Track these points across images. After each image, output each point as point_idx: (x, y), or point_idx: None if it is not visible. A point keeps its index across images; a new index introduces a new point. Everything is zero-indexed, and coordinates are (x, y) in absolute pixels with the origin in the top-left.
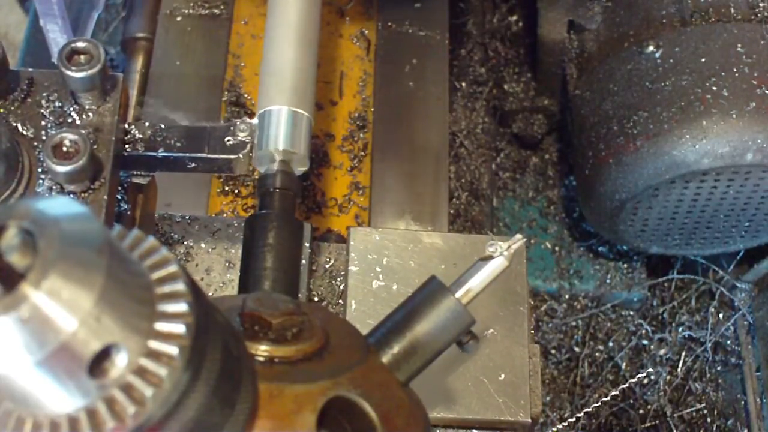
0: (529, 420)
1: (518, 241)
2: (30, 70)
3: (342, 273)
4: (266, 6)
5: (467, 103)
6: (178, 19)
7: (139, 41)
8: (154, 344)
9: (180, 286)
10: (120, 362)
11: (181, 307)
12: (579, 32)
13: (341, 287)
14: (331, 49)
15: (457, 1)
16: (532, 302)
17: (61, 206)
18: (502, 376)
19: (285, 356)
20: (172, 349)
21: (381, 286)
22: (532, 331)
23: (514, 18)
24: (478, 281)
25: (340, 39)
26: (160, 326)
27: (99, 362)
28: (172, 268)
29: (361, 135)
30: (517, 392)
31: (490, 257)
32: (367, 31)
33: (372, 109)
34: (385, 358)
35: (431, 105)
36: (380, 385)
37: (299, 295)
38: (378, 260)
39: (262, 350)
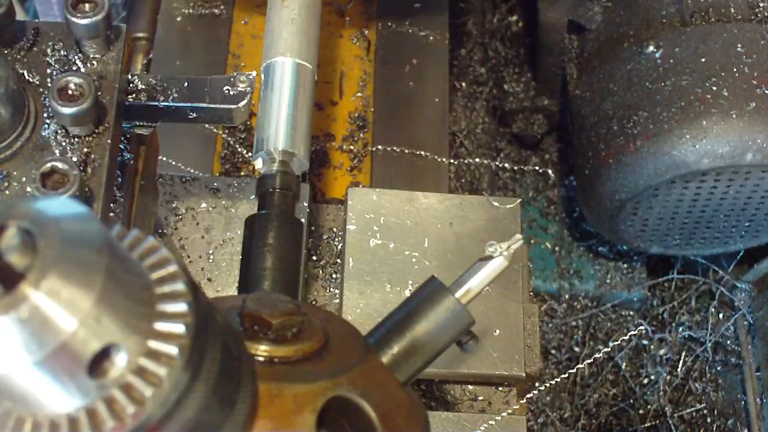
0: (523, 374)
1: (517, 241)
2: (36, 20)
3: (340, 233)
4: (266, 6)
5: (467, 103)
6: (178, 19)
7: (139, 41)
8: (154, 344)
9: (180, 286)
10: (119, 362)
11: (181, 307)
12: (579, 32)
13: (339, 246)
14: (331, 49)
15: (457, 1)
16: (530, 265)
17: (60, 206)
18: (497, 332)
19: (285, 356)
20: (172, 349)
21: (378, 244)
22: (531, 293)
23: (514, 18)
24: (477, 281)
25: (340, 39)
26: (160, 326)
27: (98, 362)
28: (172, 268)
29: (361, 135)
30: (511, 348)
31: (490, 257)
32: (367, 31)
33: (372, 109)
34: (385, 358)
35: (431, 105)
36: (380, 385)
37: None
38: (375, 219)
39: (262, 350)
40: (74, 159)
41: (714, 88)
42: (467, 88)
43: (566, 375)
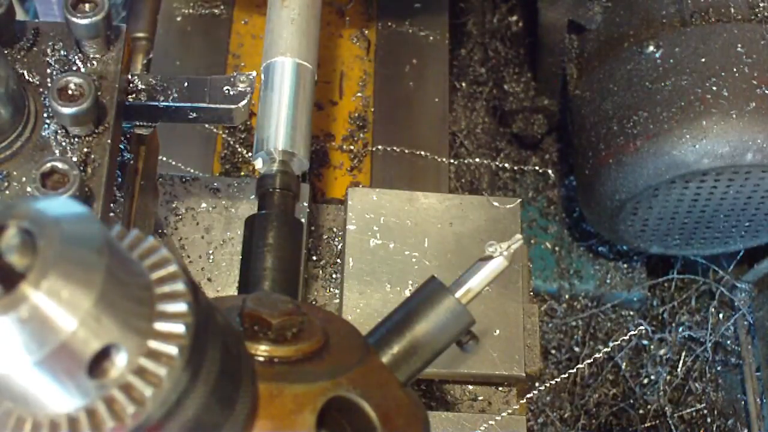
0: (524, 374)
1: (517, 240)
2: (36, 21)
3: (340, 233)
4: (266, 6)
5: (467, 103)
6: (178, 19)
7: (139, 41)
8: (154, 344)
9: (180, 286)
10: (119, 362)
11: (181, 307)
12: (579, 32)
13: (339, 246)
14: (331, 49)
15: (457, 1)
16: (530, 265)
17: (60, 206)
18: (497, 332)
19: (285, 356)
20: (172, 349)
21: (378, 244)
22: (531, 293)
23: (514, 18)
24: (477, 281)
25: (340, 39)
26: (160, 326)
27: (98, 362)
28: (172, 268)
29: (361, 135)
30: (511, 347)
31: (490, 257)
32: (367, 31)
33: (372, 109)
34: (385, 358)
35: (431, 105)
36: (380, 385)
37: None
38: (375, 219)
39: (262, 350)
40: (74, 159)
41: (714, 88)
42: (467, 88)
43: (566, 375)
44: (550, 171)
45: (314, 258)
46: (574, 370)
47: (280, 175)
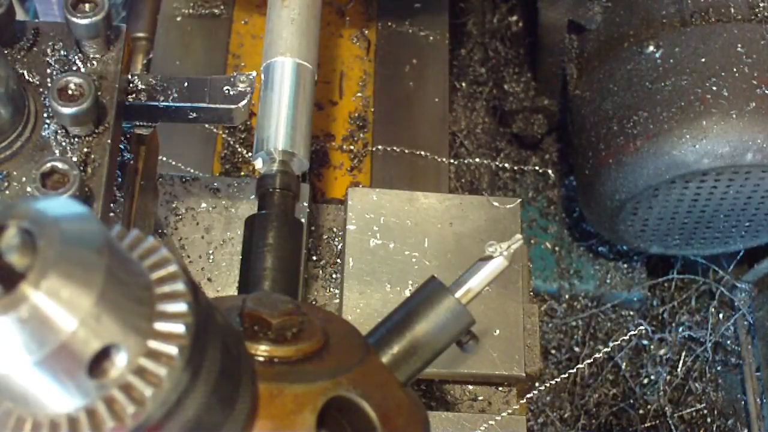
0: (524, 374)
1: (517, 241)
2: (36, 21)
3: (340, 233)
4: (266, 6)
5: (467, 103)
6: (178, 19)
7: (139, 41)
8: (154, 344)
9: (180, 286)
10: (119, 362)
11: (181, 307)
12: (579, 32)
13: (339, 246)
14: (331, 49)
15: (457, 1)
16: (530, 265)
17: (60, 206)
18: (497, 331)
19: (285, 356)
20: (172, 349)
21: (378, 244)
22: (531, 293)
23: (514, 18)
24: (477, 281)
25: (340, 39)
26: (160, 326)
27: (98, 362)
28: (172, 268)
29: (361, 135)
30: (511, 347)
31: (490, 257)
32: (367, 31)
33: (372, 109)
34: (385, 358)
35: (431, 105)
36: (380, 385)
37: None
38: (375, 219)
39: (262, 350)
40: (74, 159)
41: (714, 88)
42: (467, 88)
43: (566, 375)
44: (550, 171)
45: (314, 258)
46: (574, 370)
47: (280, 175)
